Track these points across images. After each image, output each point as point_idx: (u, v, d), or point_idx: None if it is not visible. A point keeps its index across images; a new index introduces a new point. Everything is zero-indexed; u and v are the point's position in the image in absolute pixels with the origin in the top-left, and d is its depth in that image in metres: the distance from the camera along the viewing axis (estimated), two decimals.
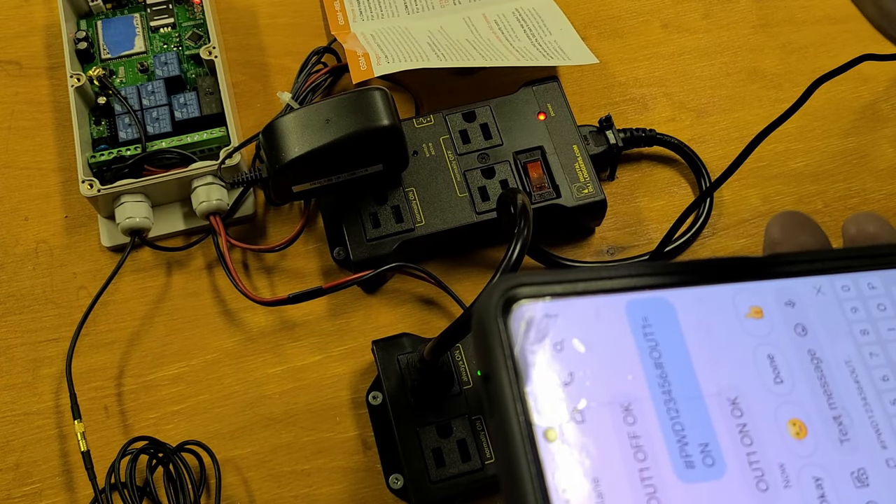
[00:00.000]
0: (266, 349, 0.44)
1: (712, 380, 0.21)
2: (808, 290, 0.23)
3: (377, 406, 0.41)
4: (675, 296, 0.22)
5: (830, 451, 0.21)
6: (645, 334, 0.21)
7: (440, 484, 0.38)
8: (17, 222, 0.48)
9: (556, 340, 0.20)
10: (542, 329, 0.20)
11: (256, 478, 0.41)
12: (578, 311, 0.21)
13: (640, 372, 0.21)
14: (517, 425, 0.19)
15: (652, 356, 0.21)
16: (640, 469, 0.20)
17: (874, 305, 0.23)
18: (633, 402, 0.20)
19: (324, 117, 0.41)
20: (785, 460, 0.21)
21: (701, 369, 0.21)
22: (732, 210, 0.48)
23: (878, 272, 0.24)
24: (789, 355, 0.22)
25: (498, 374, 0.20)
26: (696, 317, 0.22)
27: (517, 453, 0.19)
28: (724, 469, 0.20)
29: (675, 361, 0.21)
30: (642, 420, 0.20)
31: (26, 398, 0.43)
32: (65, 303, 0.45)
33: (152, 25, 0.50)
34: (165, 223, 0.47)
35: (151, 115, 0.47)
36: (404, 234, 0.44)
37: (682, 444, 0.20)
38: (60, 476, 0.41)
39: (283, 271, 0.46)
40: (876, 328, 0.23)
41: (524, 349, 0.20)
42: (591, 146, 0.47)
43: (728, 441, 0.20)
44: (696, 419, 0.21)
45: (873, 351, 0.23)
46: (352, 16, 0.52)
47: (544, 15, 0.52)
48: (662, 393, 0.21)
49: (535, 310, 0.21)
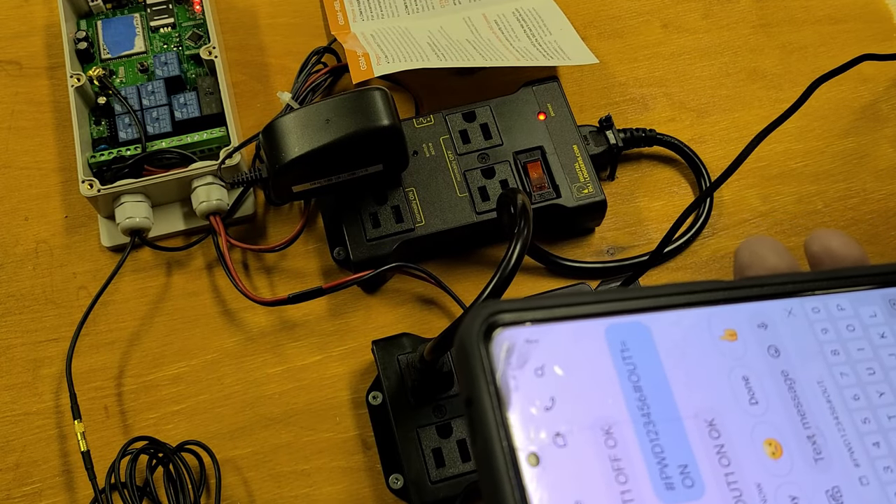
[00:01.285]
0: (266, 349, 0.44)
1: (690, 402, 0.22)
2: (780, 312, 0.24)
3: (377, 406, 0.41)
4: (652, 320, 0.22)
5: (805, 469, 0.22)
6: (623, 358, 0.22)
7: (440, 484, 0.38)
8: (17, 222, 0.48)
9: (537, 365, 0.21)
10: (523, 354, 0.21)
11: (256, 478, 0.41)
12: (559, 336, 0.21)
13: (620, 395, 0.21)
14: (500, 450, 0.19)
15: (631, 379, 0.21)
16: (621, 491, 0.20)
17: (844, 326, 0.24)
18: (614, 425, 0.21)
19: (324, 117, 0.41)
20: (762, 480, 0.21)
21: (679, 392, 0.22)
22: (732, 210, 0.48)
23: (847, 293, 0.24)
24: (763, 377, 0.23)
25: (480, 398, 0.20)
26: (672, 340, 0.22)
27: (500, 478, 0.19)
28: (703, 490, 0.21)
29: (653, 384, 0.21)
30: (623, 443, 0.20)
31: (26, 398, 0.43)
32: (65, 303, 0.45)
33: (152, 25, 0.50)
34: (165, 223, 0.47)
35: (151, 115, 0.47)
36: (404, 234, 0.44)
37: (662, 465, 0.20)
38: (60, 476, 0.41)
39: (283, 271, 0.46)
40: (846, 348, 0.24)
41: (506, 374, 0.20)
42: (591, 146, 0.47)
43: (706, 462, 0.21)
44: (675, 441, 0.21)
45: (844, 371, 0.23)
46: (352, 16, 0.52)
47: (544, 15, 0.52)
48: (642, 416, 0.21)
49: (516, 335, 0.21)
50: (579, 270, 0.46)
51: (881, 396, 0.23)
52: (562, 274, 0.46)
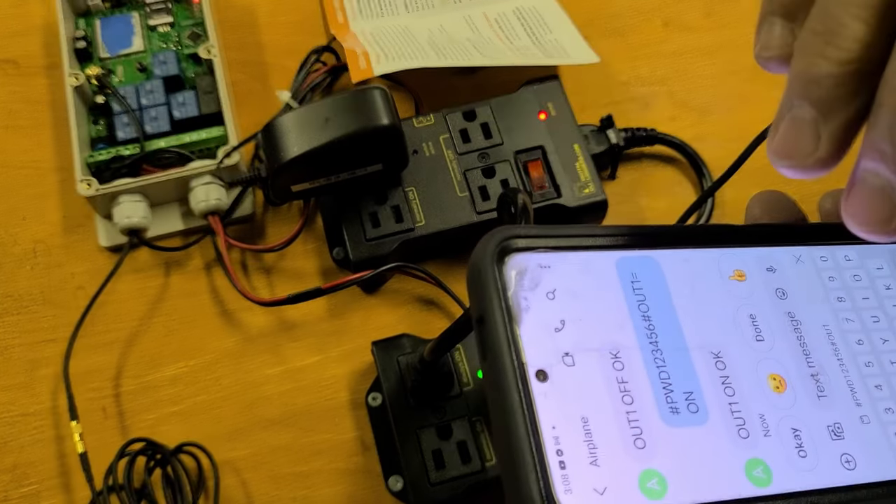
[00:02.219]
0: (265, 350, 0.44)
1: (697, 334, 0.22)
2: (789, 258, 0.24)
3: (377, 407, 0.41)
4: (664, 256, 0.23)
5: (808, 405, 0.22)
6: (634, 289, 0.22)
7: (440, 486, 0.38)
8: (14, 222, 0.47)
9: (549, 289, 0.21)
10: (535, 277, 0.21)
11: (255, 479, 0.41)
12: (571, 264, 0.22)
13: (629, 322, 0.22)
14: (510, 364, 0.20)
15: (640, 309, 0.22)
16: (627, 411, 0.21)
17: (850, 276, 0.25)
18: (622, 349, 0.21)
19: (323, 116, 0.41)
20: (765, 411, 0.22)
21: (686, 324, 0.22)
22: (734, 209, 0.48)
23: (854, 246, 0.25)
24: (769, 316, 0.23)
25: (492, 315, 0.20)
26: (682, 276, 0.23)
27: (509, 391, 0.20)
28: (706, 416, 0.21)
29: (662, 315, 0.22)
30: (630, 367, 0.21)
31: (24, 399, 0.43)
32: (62, 303, 0.45)
33: (151, 24, 0.50)
34: (164, 223, 0.46)
35: (150, 114, 0.47)
36: (404, 233, 0.43)
37: (667, 391, 0.21)
38: (58, 477, 0.41)
39: (282, 271, 0.46)
40: (851, 296, 0.24)
41: (517, 294, 0.21)
42: (592, 145, 0.46)
43: (711, 391, 0.22)
44: (681, 369, 0.22)
45: (849, 317, 0.24)
46: (351, 14, 0.52)
47: (545, 13, 0.51)
48: (650, 343, 0.22)
49: (529, 259, 0.21)
50: None
51: (885, 343, 0.24)
52: None
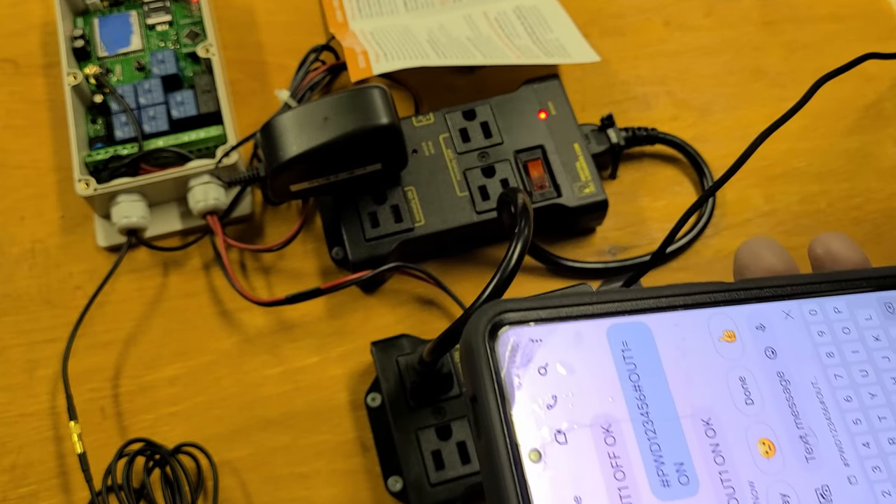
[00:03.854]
0: (264, 350, 0.44)
1: (687, 401, 0.22)
2: (778, 313, 0.24)
3: (376, 408, 0.41)
4: (653, 320, 0.23)
5: (797, 468, 0.22)
6: (624, 357, 0.22)
7: (440, 486, 0.38)
8: (12, 222, 0.47)
9: (541, 364, 0.21)
10: (527, 353, 0.21)
11: (254, 480, 0.41)
12: (562, 336, 0.22)
13: (620, 394, 0.22)
14: (504, 446, 0.20)
15: (631, 379, 0.22)
16: (619, 488, 0.21)
17: (839, 329, 0.25)
18: (614, 423, 0.21)
19: (322, 116, 0.41)
20: (755, 478, 0.22)
21: (677, 391, 0.22)
22: (735, 210, 0.48)
23: (843, 297, 0.25)
24: (759, 377, 0.23)
25: (485, 396, 0.21)
26: (672, 340, 0.23)
27: (503, 473, 0.20)
28: (697, 487, 0.21)
29: (652, 384, 0.22)
30: (622, 441, 0.21)
31: (22, 399, 0.43)
32: (61, 303, 0.45)
33: (149, 23, 0.50)
34: (162, 223, 0.46)
35: (148, 113, 0.46)
36: (403, 233, 0.43)
37: (658, 463, 0.21)
38: (56, 478, 0.41)
39: (281, 271, 0.46)
40: (840, 350, 0.24)
41: (510, 373, 0.21)
42: (592, 145, 0.46)
43: (702, 460, 0.22)
44: (672, 439, 0.22)
45: (838, 373, 0.24)
46: (350, 13, 0.52)
47: (545, 12, 0.51)
48: (641, 414, 0.22)
49: (520, 334, 0.21)
50: (580, 270, 0.45)
51: (873, 398, 0.24)
52: (563, 274, 0.46)
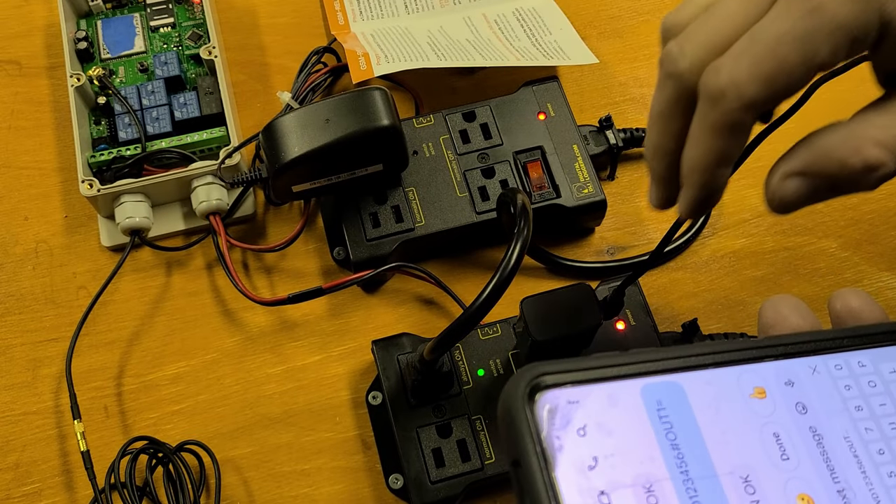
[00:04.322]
0: (266, 349, 0.44)
1: (725, 458, 0.22)
2: (805, 369, 0.25)
3: (377, 406, 0.41)
4: (685, 379, 0.23)
5: None
6: (660, 416, 0.22)
7: (440, 484, 0.38)
8: (16, 222, 0.48)
9: (580, 425, 0.21)
10: (565, 415, 0.21)
11: (256, 478, 0.41)
12: (598, 397, 0.22)
13: (659, 453, 0.22)
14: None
15: (668, 437, 0.22)
16: None
17: (865, 382, 0.25)
18: (655, 482, 0.21)
19: (323, 117, 0.41)
20: None
21: (714, 448, 0.22)
22: (732, 210, 0.48)
23: (867, 351, 0.25)
24: (793, 433, 0.23)
25: (528, 460, 0.21)
26: (705, 398, 0.23)
27: None
28: None
29: (689, 442, 0.22)
30: (664, 500, 0.21)
31: (26, 398, 0.43)
32: (64, 303, 0.45)
33: (152, 25, 0.50)
34: (165, 223, 0.47)
35: (151, 114, 0.47)
36: (404, 233, 0.44)
37: None
38: (60, 476, 0.41)
39: (283, 271, 0.46)
40: (869, 404, 0.25)
41: (550, 435, 0.21)
42: (591, 146, 0.47)
43: None
44: (713, 497, 0.22)
45: (868, 426, 0.24)
46: (352, 15, 0.52)
47: (544, 15, 0.52)
48: (680, 473, 0.22)
49: (558, 397, 0.22)
50: (579, 270, 0.46)
51: None
52: (562, 274, 0.46)
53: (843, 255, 0.47)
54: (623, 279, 0.40)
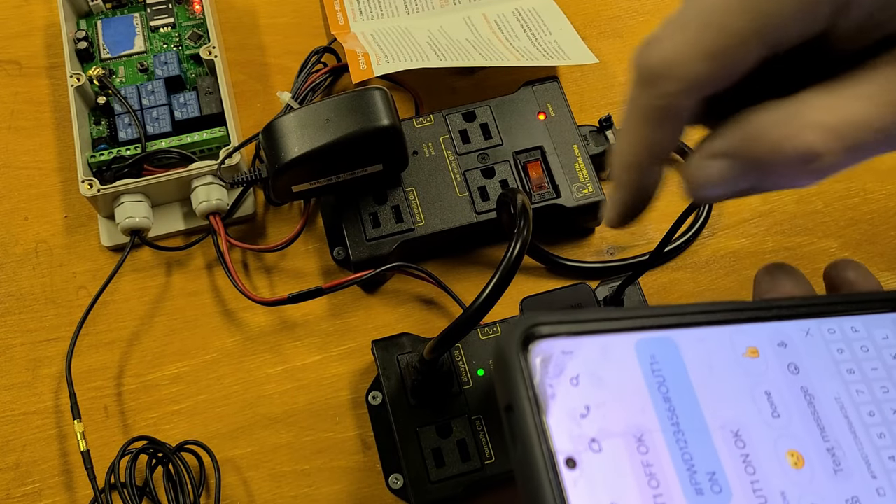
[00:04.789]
0: (266, 349, 0.44)
1: (716, 413, 0.23)
2: (798, 332, 0.25)
3: (377, 406, 0.41)
4: (679, 336, 0.24)
5: (826, 480, 0.23)
6: (653, 370, 0.23)
7: (440, 484, 0.38)
8: (16, 222, 0.48)
9: (573, 375, 0.22)
10: (559, 364, 0.22)
11: (256, 478, 0.41)
12: (592, 349, 0.22)
13: (650, 405, 0.22)
14: (540, 453, 0.20)
15: (660, 391, 0.22)
16: (654, 495, 0.21)
17: (858, 347, 0.25)
18: (645, 433, 0.22)
19: (323, 117, 0.41)
20: (785, 488, 0.22)
21: (705, 403, 0.23)
22: (732, 210, 0.48)
23: (860, 317, 0.26)
24: (784, 392, 0.24)
25: (521, 404, 0.21)
26: (698, 355, 0.23)
27: (541, 480, 0.20)
28: (730, 496, 0.22)
29: (681, 396, 0.23)
30: (654, 450, 0.22)
31: (26, 398, 0.43)
32: (64, 302, 0.45)
33: (152, 25, 0.50)
34: (165, 223, 0.47)
35: (151, 114, 0.47)
36: (404, 233, 0.44)
37: (691, 472, 0.22)
38: (60, 476, 0.41)
39: (283, 271, 0.46)
40: (861, 368, 0.25)
41: (543, 383, 0.21)
42: (591, 146, 0.47)
43: (733, 470, 0.22)
44: (703, 449, 0.22)
45: (859, 388, 0.25)
46: (352, 15, 0.52)
47: (544, 15, 0.52)
48: (671, 425, 0.22)
49: (552, 346, 0.22)
50: (579, 270, 0.46)
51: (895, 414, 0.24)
52: (562, 274, 0.46)
53: (843, 255, 0.47)
54: (623, 279, 0.40)
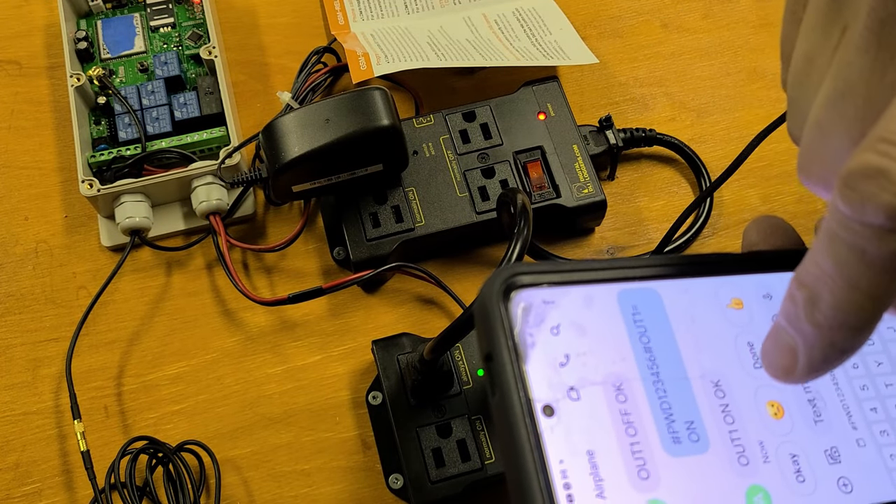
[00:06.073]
0: (266, 349, 0.44)
1: (697, 364, 0.23)
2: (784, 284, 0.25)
3: (377, 406, 0.41)
4: (663, 287, 0.23)
5: (805, 430, 0.23)
6: (635, 321, 0.23)
7: (440, 484, 0.38)
8: (16, 222, 0.48)
9: (553, 324, 0.22)
10: (540, 314, 0.22)
11: (256, 478, 0.41)
12: (574, 299, 0.22)
13: (631, 355, 0.22)
14: (518, 400, 0.21)
15: (641, 341, 0.23)
16: (630, 443, 0.21)
17: None
18: (625, 382, 0.22)
19: (324, 117, 0.41)
20: (764, 438, 0.22)
21: (687, 353, 0.23)
22: (733, 210, 0.48)
23: None
24: None
25: (500, 352, 0.21)
26: (681, 306, 0.23)
27: (518, 426, 0.20)
28: (707, 444, 0.22)
29: (662, 346, 0.23)
30: (633, 398, 0.22)
31: (26, 398, 0.43)
32: (64, 302, 0.45)
33: (152, 25, 0.50)
34: (165, 223, 0.47)
35: (151, 114, 0.47)
36: (404, 233, 0.44)
37: (669, 421, 0.22)
38: (60, 476, 0.41)
39: (283, 271, 0.46)
40: None
41: (523, 331, 0.21)
42: (591, 146, 0.47)
43: (711, 419, 0.22)
44: (682, 399, 0.22)
45: None
46: (352, 15, 0.52)
47: (544, 15, 0.52)
48: (651, 374, 0.22)
49: (533, 296, 0.22)
50: None
51: (879, 366, 0.24)
52: None
53: None
54: None
